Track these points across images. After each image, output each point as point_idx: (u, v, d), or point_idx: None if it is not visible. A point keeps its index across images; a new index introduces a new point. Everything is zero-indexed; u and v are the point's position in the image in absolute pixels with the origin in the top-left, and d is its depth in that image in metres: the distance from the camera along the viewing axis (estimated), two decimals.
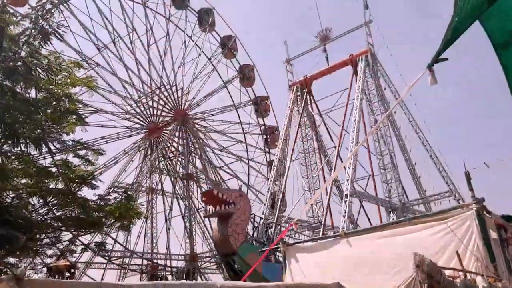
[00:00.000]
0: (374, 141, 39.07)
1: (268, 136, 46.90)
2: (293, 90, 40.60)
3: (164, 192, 44.03)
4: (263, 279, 20.98)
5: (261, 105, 46.85)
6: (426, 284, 4.23)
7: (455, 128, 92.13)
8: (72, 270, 27.38)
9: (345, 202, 30.28)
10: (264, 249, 17.54)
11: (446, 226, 7.38)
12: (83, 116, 17.44)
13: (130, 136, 41.06)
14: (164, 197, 44.10)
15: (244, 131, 46.84)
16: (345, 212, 29.59)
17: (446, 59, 3.47)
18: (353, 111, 35.08)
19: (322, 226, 32.88)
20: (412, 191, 39.64)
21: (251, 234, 30.72)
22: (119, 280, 39.76)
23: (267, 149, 46.89)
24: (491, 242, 6.98)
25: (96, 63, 39.62)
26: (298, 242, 10.27)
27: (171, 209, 43.23)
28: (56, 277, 26.47)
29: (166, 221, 42.80)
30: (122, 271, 40.87)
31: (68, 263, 23.26)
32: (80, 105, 17.29)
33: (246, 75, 46.64)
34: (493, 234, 7.44)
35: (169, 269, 41.44)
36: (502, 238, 7.73)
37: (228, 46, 46.77)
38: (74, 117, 16.25)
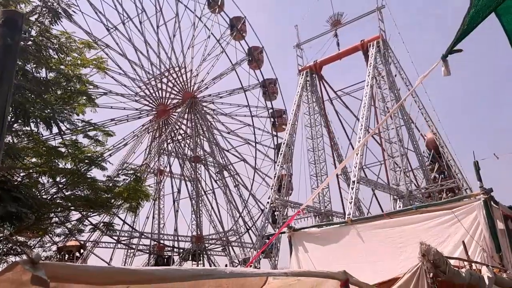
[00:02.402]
0: (383, 129, 38.88)
1: (276, 119, 46.82)
2: (302, 75, 40.34)
3: (172, 174, 44.29)
4: None
5: (269, 88, 46.64)
6: (431, 273, 4.25)
7: (465, 117, 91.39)
8: (82, 251, 27.82)
9: (352, 188, 30.28)
10: (270, 234, 17.71)
11: (453, 215, 7.38)
12: (93, 97, 17.51)
13: (139, 118, 41.24)
14: (172, 179, 44.40)
15: (252, 114, 46.80)
16: (352, 199, 29.60)
17: (461, 50, 3.43)
18: (363, 98, 34.86)
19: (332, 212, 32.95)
20: (419, 180, 39.64)
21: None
22: (126, 259, 40.32)
23: (274, 133, 46.80)
24: (497, 233, 6.98)
25: (105, 44, 39.61)
26: (304, 228, 10.30)
27: (179, 191, 43.56)
28: (66, 256, 26.88)
29: (174, 202, 43.17)
30: (129, 251, 41.39)
31: (78, 243, 23.62)
32: (90, 87, 17.33)
33: (254, 57, 46.42)
34: (500, 225, 7.45)
35: (176, 250, 41.94)
36: (509, 228, 7.74)
37: (237, 27, 46.43)
38: (84, 98, 16.32)
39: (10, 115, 13.95)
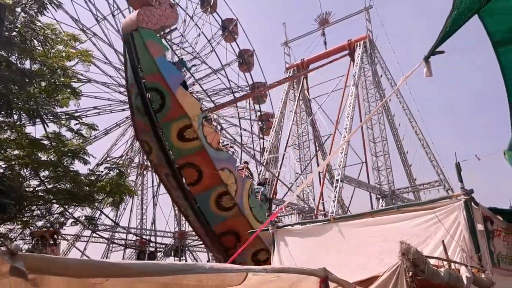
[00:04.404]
0: (367, 128, 39.21)
1: (264, 123, 46.63)
2: (289, 73, 40.44)
3: (152, 168, 43.86)
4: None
5: (258, 91, 46.42)
6: (410, 272, 4.29)
7: (450, 118, 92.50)
8: (55, 236, 27.49)
9: (336, 187, 30.49)
10: (253, 230, 17.67)
11: (434, 215, 7.45)
12: (77, 88, 17.36)
13: (123, 110, 40.83)
14: (153, 173, 44.02)
15: (239, 116, 46.61)
16: (335, 197, 29.82)
17: (443, 52, 3.48)
18: (348, 97, 35.06)
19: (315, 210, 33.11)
20: (403, 179, 40.03)
21: None
22: (107, 254, 40.11)
23: (261, 136, 46.63)
24: (477, 233, 7.06)
25: (93, 33, 39.24)
26: (287, 225, 10.32)
27: (159, 185, 43.29)
28: (40, 242, 26.64)
29: (153, 197, 42.96)
30: (111, 245, 41.15)
31: (51, 229, 23.35)
32: (74, 79, 17.18)
33: (245, 60, 46.21)
34: (480, 226, 7.55)
35: (158, 245, 41.80)
36: (488, 230, 7.85)
37: (229, 29, 46.17)
38: (68, 90, 16.18)
39: None
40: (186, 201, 23.16)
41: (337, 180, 30.63)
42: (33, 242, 24.31)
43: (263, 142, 45.88)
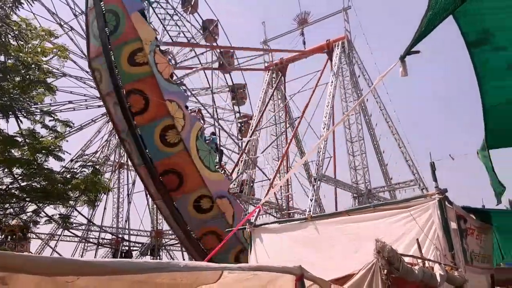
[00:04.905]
0: (345, 127, 39.57)
1: (242, 125, 46.32)
2: (268, 72, 40.47)
3: (128, 167, 43.33)
4: None
5: (238, 93, 46.04)
6: (385, 270, 4.35)
7: (426, 119, 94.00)
8: (25, 231, 26.99)
9: (313, 186, 30.66)
10: (230, 229, 17.71)
11: (409, 214, 7.56)
12: (51, 83, 17.08)
13: (99, 106, 40.20)
14: (129, 171, 43.54)
15: (218, 117, 46.25)
16: (313, 196, 29.98)
17: (419, 51, 3.54)
18: (327, 97, 35.28)
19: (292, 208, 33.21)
20: (379, 179, 40.50)
21: None
22: (83, 253, 39.56)
23: (240, 137, 46.27)
24: (450, 232, 7.19)
25: (70, 27, 38.62)
26: (265, 224, 10.35)
27: (133, 184, 42.86)
28: (8, 238, 26.16)
29: (128, 195, 42.48)
30: (86, 244, 40.62)
31: (20, 223, 22.89)
32: (49, 75, 16.87)
33: (225, 62, 45.79)
34: (453, 224, 7.69)
35: (134, 244, 41.41)
36: (462, 228, 8.01)
37: (209, 29, 45.77)
38: (43, 86, 15.89)
39: None
40: (131, 135, 22.30)
41: (314, 179, 30.83)
42: (3, 237, 23.83)
43: (242, 144, 45.54)
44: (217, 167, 25.02)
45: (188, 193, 23.18)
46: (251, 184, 35.86)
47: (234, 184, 32.38)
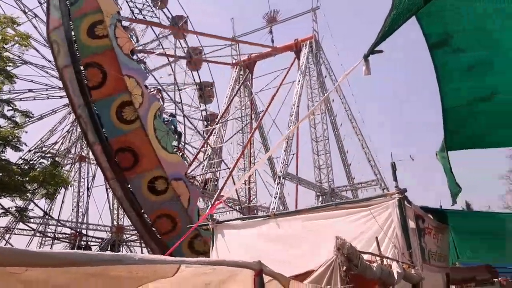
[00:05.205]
0: (310, 127, 39.98)
1: (209, 123, 45.84)
2: (236, 69, 40.39)
3: (89, 160, 42.25)
4: None
5: (205, 91, 45.47)
6: (344, 267, 4.39)
7: (391, 118, 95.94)
8: None
9: (278, 184, 30.84)
10: (192, 225, 17.61)
11: (369, 213, 7.68)
12: (10, 71, 16.54)
13: (61, 97, 39.12)
14: (89, 165, 42.52)
15: (185, 114, 45.54)
16: (277, 194, 30.14)
17: (382, 51, 3.58)
18: (293, 96, 35.51)
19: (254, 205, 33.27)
20: (342, 178, 41.15)
21: None
22: (39, 247, 38.45)
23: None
24: (409, 231, 7.34)
25: (34, 14, 37.41)
26: (227, 221, 10.31)
27: (93, 177, 41.94)
28: None
29: (87, 189, 41.57)
30: (42, 238, 39.53)
31: None
32: (10, 64, 16.32)
33: (193, 58, 45.17)
34: (412, 224, 7.87)
35: (94, 239, 40.55)
36: (420, 228, 8.20)
37: (178, 26, 45.07)
38: (2, 74, 15.38)
39: None
40: (87, 111, 21.79)
41: (279, 177, 31.01)
42: None
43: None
44: (175, 149, 24.65)
45: (143, 172, 22.76)
46: (215, 183, 35.68)
47: (198, 179, 32.12)
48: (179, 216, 22.85)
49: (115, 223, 40.24)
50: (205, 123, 44.62)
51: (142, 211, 23.15)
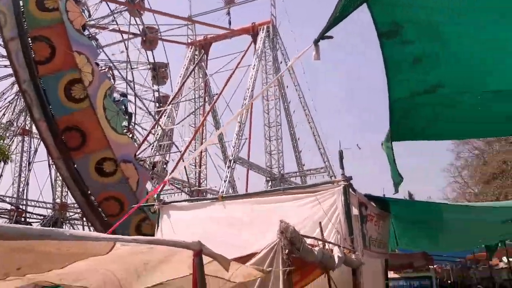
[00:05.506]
0: (264, 112, 40.16)
1: (161, 105, 44.84)
2: (191, 49, 39.78)
3: (32, 134, 40.43)
4: None
5: (159, 72, 44.34)
6: (287, 250, 4.45)
7: (344, 107, 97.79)
8: None
9: (228, 167, 30.88)
10: (134, 206, 17.43)
11: (315, 198, 7.80)
12: None
13: (6, 66, 37.14)
14: (32, 139, 40.78)
15: (136, 94, 44.29)
16: (227, 177, 30.19)
17: (332, 37, 3.60)
18: (248, 80, 35.47)
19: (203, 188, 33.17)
20: (292, 164, 41.81)
21: None
22: None
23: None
24: (352, 218, 7.52)
25: None
26: (174, 202, 10.19)
27: (35, 152, 40.34)
28: None
29: (28, 163, 40.03)
30: None
31: None
32: None
33: (149, 38, 43.81)
34: (355, 211, 8.07)
35: (36, 217, 39.19)
36: (363, 215, 8.43)
37: (134, 2, 43.53)
38: None
39: None
40: (32, 86, 20.97)
41: (229, 161, 31.06)
42: None
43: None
44: (124, 130, 24.11)
45: (90, 153, 22.13)
46: (164, 166, 35.19)
47: (148, 162, 31.57)
48: (127, 199, 22.41)
49: (58, 200, 39.01)
50: (157, 104, 43.68)
51: (89, 192, 22.54)
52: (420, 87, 4.52)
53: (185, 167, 32.76)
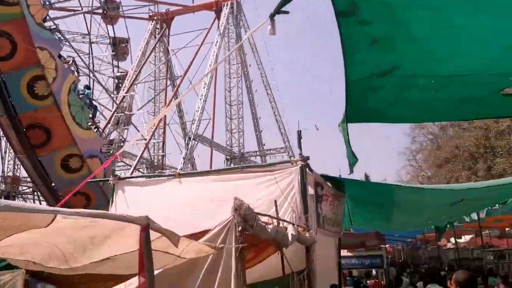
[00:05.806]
0: (226, 90, 39.92)
1: (121, 81, 43.64)
2: (152, 22, 38.83)
3: None
4: None
5: (119, 48, 42.99)
6: (240, 227, 4.45)
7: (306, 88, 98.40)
8: None
9: (187, 144, 30.65)
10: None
11: (272, 177, 7.86)
12: None
13: None
14: None
15: (95, 69, 42.92)
16: (186, 154, 29.99)
17: (288, 12, 3.57)
18: (210, 57, 35.05)
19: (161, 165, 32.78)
20: (253, 143, 41.97)
21: None
22: None
23: (116, 94, 43.36)
24: (307, 197, 7.63)
25: None
26: (129, 177, 10.05)
27: None
28: None
29: None
30: None
31: None
32: None
33: (109, 12, 42.26)
34: (311, 190, 8.19)
35: None
36: (318, 194, 8.57)
37: None
38: None
39: None
40: None
41: (189, 138, 30.82)
42: None
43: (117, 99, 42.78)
44: (89, 123, 23.67)
45: (56, 150, 21.71)
46: (122, 144, 34.48)
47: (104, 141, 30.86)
48: (93, 193, 22.12)
49: (10, 174, 37.72)
50: (117, 81, 42.52)
51: (55, 187, 22.13)
52: (377, 69, 4.56)
53: (146, 143, 32.24)
